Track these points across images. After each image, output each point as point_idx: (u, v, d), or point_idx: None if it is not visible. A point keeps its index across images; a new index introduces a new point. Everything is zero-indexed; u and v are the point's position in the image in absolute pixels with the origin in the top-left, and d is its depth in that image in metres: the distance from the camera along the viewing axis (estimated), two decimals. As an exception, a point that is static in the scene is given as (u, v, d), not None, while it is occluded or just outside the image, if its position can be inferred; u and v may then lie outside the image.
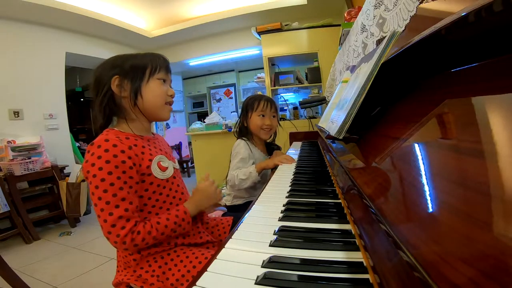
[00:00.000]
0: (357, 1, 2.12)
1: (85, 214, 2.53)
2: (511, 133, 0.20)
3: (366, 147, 0.53)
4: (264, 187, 0.75)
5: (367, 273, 0.32)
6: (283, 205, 0.58)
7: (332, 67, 2.07)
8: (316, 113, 3.12)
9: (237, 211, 1.18)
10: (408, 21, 0.62)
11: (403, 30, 0.62)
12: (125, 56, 0.68)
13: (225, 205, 1.28)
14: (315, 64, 3.03)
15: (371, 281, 0.30)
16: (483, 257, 0.16)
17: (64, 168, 2.60)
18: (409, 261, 0.20)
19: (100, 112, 0.65)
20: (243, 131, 1.27)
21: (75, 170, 2.42)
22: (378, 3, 0.85)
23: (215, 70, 5.31)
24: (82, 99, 4.90)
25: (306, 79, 3.05)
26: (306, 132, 1.96)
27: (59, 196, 2.39)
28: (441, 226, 0.21)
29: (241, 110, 1.29)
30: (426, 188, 0.25)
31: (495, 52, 0.28)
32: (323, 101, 2.02)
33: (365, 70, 0.57)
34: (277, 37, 3.03)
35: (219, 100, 5.52)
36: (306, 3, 2.90)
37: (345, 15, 1.58)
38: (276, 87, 3.09)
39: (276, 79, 3.08)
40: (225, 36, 3.77)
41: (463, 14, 0.26)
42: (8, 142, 2.31)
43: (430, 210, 0.23)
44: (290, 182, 0.76)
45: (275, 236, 0.43)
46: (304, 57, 3.13)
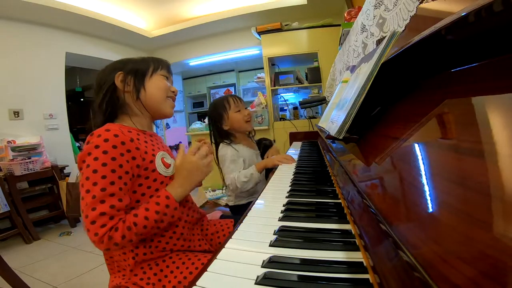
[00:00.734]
0: (357, 1, 2.12)
1: (85, 214, 2.53)
2: (511, 133, 0.20)
3: (366, 147, 0.53)
4: (264, 187, 0.75)
5: (367, 273, 0.32)
6: (283, 205, 0.58)
7: (332, 67, 2.07)
8: (316, 113, 3.12)
9: (240, 211, 1.18)
10: (408, 21, 0.62)
11: (403, 30, 0.62)
12: (127, 59, 0.68)
13: (227, 205, 1.28)
14: (315, 64, 3.03)
15: (371, 281, 0.30)
16: (483, 257, 0.16)
17: (64, 168, 2.60)
18: (409, 261, 0.20)
19: (101, 108, 0.63)
20: (222, 135, 1.24)
21: (75, 170, 2.42)
22: (378, 3, 0.85)
23: (215, 70, 5.31)
24: (82, 99, 4.91)
25: (306, 79, 3.05)
26: (306, 132, 1.96)
27: (59, 196, 2.39)
28: (441, 226, 0.21)
29: (211, 118, 1.25)
30: (426, 188, 0.25)
31: (495, 52, 0.28)
32: (323, 101, 2.02)
33: (365, 70, 0.57)
34: (277, 37, 3.03)
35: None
36: (306, 3, 2.90)
37: (345, 15, 1.58)
38: (276, 87, 3.08)
39: (276, 79, 3.08)
40: (225, 36, 3.77)
41: (463, 14, 0.26)
42: (8, 142, 2.31)
43: (430, 210, 0.23)
44: (290, 182, 0.76)
45: (275, 236, 0.43)
46: (304, 57, 3.13)
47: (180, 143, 0.67)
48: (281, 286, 0.31)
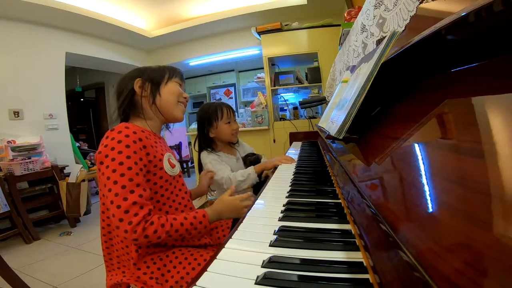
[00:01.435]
0: (357, 1, 2.12)
1: (85, 214, 2.53)
2: (511, 133, 0.20)
3: (366, 147, 0.53)
4: (264, 187, 0.75)
5: (367, 273, 0.32)
6: (283, 205, 0.58)
7: (332, 67, 2.07)
8: (316, 113, 3.12)
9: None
10: (408, 21, 0.62)
11: (403, 30, 0.62)
12: (144, 68, 0.75)
13: None
14: (315, 64, 3.02)
15: (371, 281, 0.30)
16: (483, 257, 0.16)
17: (64, 168, 2.60)
18: (409, 261, 0.20)
19: (120, 112, 0.71)
20: (207, 142, 1.25)
21: (75, 170, 2.42)
22: (378, 3, 0.85)
23: (215, 70, 5.30)
24: (82, 99, 4.91)
25: (306, 79, 3.05)
26: (306, 132, 1.96)
27: (59, 196, 2.39)
28: (441, 226, 0.21)
29: (201, 123, 1.25)
30: (426, 188, 0.25)
31: (495, 52, 0.28)
32: (323, 101, 2.02)
33: (365, 70, 0.57)
34: (277, 37, 3.03)
35: (219, 100, 5.52)
36: (306, 3, 2.90)
37: (345, 15, 1.58)
38: (276, 87, 3.08)
39: (276, 79, 3.08)
40: (225, 36, 3.76)
41: (463, 14, 0.26)
42: (8, 142, 2.31)
43: (430, 210, 0.23)
44: (290, 182, 0.76)
45: (275, 236, 0.43)
46: (304, 57, 3.13)
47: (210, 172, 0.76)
48: (281, 286, 0.31)
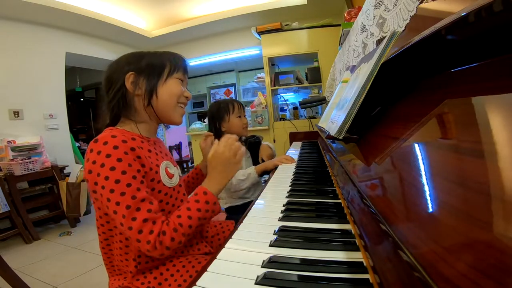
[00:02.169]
0: (357, 1, 2.12)
1: (85, 214, 2.53)
2: (511, 133, 0.20)
3: (366, 147, 0.53)
4: (264, 187, 0.75)
5: (367, 273, 0.32)
6: (283, 205, 0.58)
7: (332, 67, 2.07)
8: (316, 113, 3.12)
9: (235, 212, 1.18)
10: (408, 21, 0.62)
11: (403, 30, 0.62)
12: (142, 54, 0.62)
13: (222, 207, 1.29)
14: (315, 64, 3.02)
15: (371, 281, 0.30)
16: (483, 257, 0.16)
17: (64, 168, 2.60)
18: (409, 261, 0.20)
19: (109, 110, 0.60)
20: (217, 135, 1.27)
21: (75, 170, 2.42)
22: (378, 3, 0.85)
23: (215, 70, 5.30)
24: (82, 99, 4.91)
25: (306, 79, 3.05)
26: (306, 132, 1.96)
27: (59, 196, 2.39)
28: (441, 226, 0.21)
29: (212, 117, 1.27)
30: (426, 188, 0.25)
31: (495, 52, 0.28)
32: (323, 101, 2.02)
33: (365, 70, 0.57)
34: (277, 37, 3.03)
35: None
36: (306, 3, 2.90)
37: (345, 15, 1.58)
38: (276, 87, 3.08)
39: (276, 79, 3.08)
40: (225, 36, 3.76)
41: (463, 14, 0.26)
42: (8, 142, 2.31)
43: (430, 210, 0.23)
44: (290, 182, 0.76)
45: (275, 236, 0.43)
46: (304, 57, 3.13)
47: (208, 134, 0.63)
48: (281, 286, 0.31)
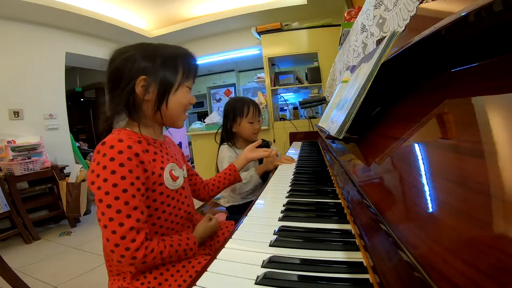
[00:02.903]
0: (357, 1, 2.12)
1: (85, 214, 2.53)
2: (511, 133, 0.20)
3: (366, 147, 0.53)
4: (264, 187, 0.75)
5: (367, 273, 0.32)
6: (283, 205, 0.58)
7: (332, 67, 2.07)
8: (316, 113, 3.12)
9: (236, 211, 1.18)
10: (408, 21, 0.62)
11: (403, 30, 0.62)
12: (155, 52, 0.60)
13: (224, 207, 1.28)
14: (315, 64, 3.02)
15: (371, 281, 0.30)
16: (483, 257, 0.16)
17: (64, 168, 2.60)
18: (409, 261, 0.20)
19: (113, 111, 0.60)
20: (228, 136, 1.26)
21: (75, 170, 2.42)
22: (378, 3, 0.85)
23: (215, 70, 5.30)
24: (82, 99, 4.90)
25: (306, 79, 3.05)
26: (306, 132, 1.96)
27: (59, 196, 2.39)
28: (441, 226, 0.21)
29: (226, 115, 1.25)
30: (426, 188, 0.25)
31: (495, 52, 0.28)
32: (323, 101, 2.02)
33: (365, 70, 0.57)
34: (277, 37, 3.03)
35: (219, 100, 5.51)
36: (306, 3, 2.90)
37: (345, 15, 1.58)
38: (276, 87, 3.08)
39: (276, 79, 3.08)
40: (225, 36, 3.76)
41: (463, 14, 0.26)
42: (8, 142, 2.31)
43: (430, 210, 0.23)
44: (290, 182, 0.76)
45: (275, 236, 0.43)
46: (304, 57, 3.13)
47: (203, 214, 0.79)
48: (281, 286, 0.31)
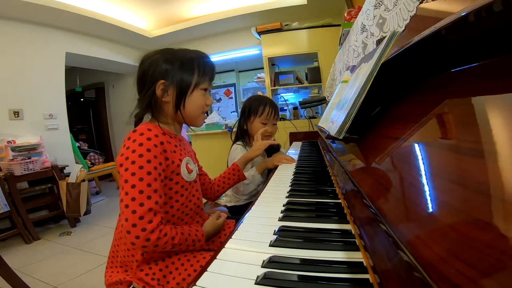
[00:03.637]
0: (357, 1, 2.12)
1: (85, 214, 2.53)
2: (511, 133, 0.20)
3: (366, 147, 0.53)
4: (264, 187, 0.75)
5: (367, 273, 0.32)
6: (283, 205, 0.58)
7: (332, 67, 2.07)
8: (316, 113, 3.12)
9: (238, 211, 1.18)
10: (408, 21, 0.62)
11: (403, 30, 0.62)
12: (174, 56, 0.67)
13: (226, 206, 1.28)
14: (315, 64, 3.02)
15: (371, 281, 0.30)
16: (483, 257, 0.16)
17: (64, 168, 2.59)
18: (409, 261, 0.20)
19: (141, 109, 0.67)
20: (242, 134, 1.25)
21: (75, 170, 2.42)
22: (378, 3, 0.85)
23: (215, 70, 5.30)
24: (82, 99, 4.90)
25: (306, 79, 3.05)
26: (306, 132, 1.96)
27: (59, 196, 2.39)
28: (441, 226, 0.21)
29: (242, 112, 1.25)
30: (426, 188, 0.25)
31: (495, 52, 0.28)
32: (323, 101, 2.02)
33: (365, 70, 0.57)
34: (277, 37, 3.03)
35: (219, 100, 5.51)
36: (306, 3, 2.90)
37: (345, 15, 1.58)
38: (276, 87, 3.08)
39: (276, 79, 3.08)
40: (225, 36, 3.76)
41: (463, 14, 0.26)
42: (8, 142, 2.31)
43: (430, 210, 0.23)
44: (290, 182, 0.76)
45: (275, 236, 0.43)
46: (304, 57, 3.13)
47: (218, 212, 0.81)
48: (281, 286, 0.31)
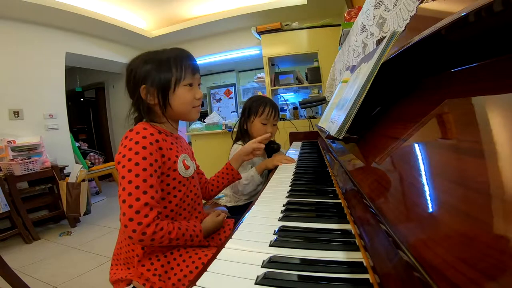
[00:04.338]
0: (357, 1, 2.12)
1: (85, 214, 2.53)
2: (511, 133, 0.20)
3: (366, 147, 0.53)
4: (264, 187, 0.75)
5: (367, 273, 0.32)
6: (283, 205, 0.58)
7: (332, 67, 2.07)
8: (316, 113, 3.12)
9: (238, 212, 1.17)
10: (408, 21, 0.62)
11: (403, 30, 0.62)
12: (150, 58, 0.68)
13: (226, 206, 1.28)
14: (315, 64, 3.02)
15: (371, 281, 0.30)
16: (483, 257, 0.16)
17: (64, 168, 2.59)
18: (409, 261, 0.20)
19: (135, 111, 0.71)
20: (243, 134, 1.25)
21: (75, 170, 2.42)
22: (378, 3, 0.85)
23: (215, 70, 5.30)
24: (82, 99, 4.91)
25: (306, 79, 3.05)
26: (306, 132, 1.96)
27: (59, 196, 2.39)
28: (441, 226, 0.21)
29: (242, 112, 1.25)
30: (426, 188, 0.25)
31: (495, 52, 0.28)
32: (323, 101, 2.02)
33: (365, 70, 0.57)
34: (277, 37, 3.03)
35: (219, 100, 5.51)
36: (306, 3, 2.90)
37: (345, 15, 1.58)
38: (276, 87, 3.08)
39: (276, 79, 3.08)
40: (225, 36, 3.76)
41: (463, 14, 0.26)
42: (8, 142, 2.31)
43: (430, 210, 0.23)
44: (290, 182, 0.76)
45: (275, 236, 0.43)
46: (304, 57, 3.13)
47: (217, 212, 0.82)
48: (281, 286, 0.31)
